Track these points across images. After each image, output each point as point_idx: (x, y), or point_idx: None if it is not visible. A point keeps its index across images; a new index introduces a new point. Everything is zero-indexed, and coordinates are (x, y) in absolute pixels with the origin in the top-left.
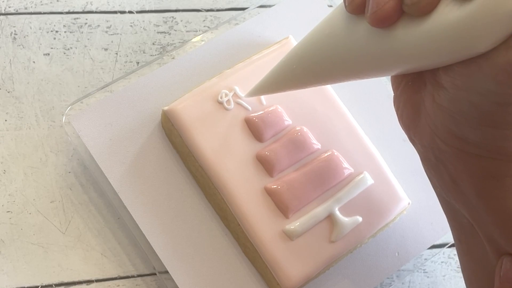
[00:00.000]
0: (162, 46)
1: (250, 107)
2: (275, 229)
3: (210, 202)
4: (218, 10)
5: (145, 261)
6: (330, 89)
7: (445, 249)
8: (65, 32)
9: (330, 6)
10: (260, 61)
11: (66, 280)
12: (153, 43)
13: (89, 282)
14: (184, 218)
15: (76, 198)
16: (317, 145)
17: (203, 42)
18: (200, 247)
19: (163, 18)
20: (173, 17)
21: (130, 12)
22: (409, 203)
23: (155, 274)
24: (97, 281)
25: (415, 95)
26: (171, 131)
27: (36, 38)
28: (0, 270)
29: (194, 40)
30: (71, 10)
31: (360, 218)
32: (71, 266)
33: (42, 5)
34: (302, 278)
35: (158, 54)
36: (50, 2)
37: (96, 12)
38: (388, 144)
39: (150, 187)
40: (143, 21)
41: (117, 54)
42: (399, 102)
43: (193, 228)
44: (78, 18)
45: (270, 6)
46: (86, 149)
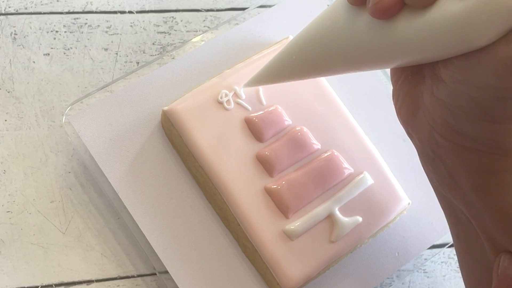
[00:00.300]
0: (162, 46)
1: (250, 107)
2: (275, 229)
3: (210, 202)
4: (218, 10)
5: (145, 261)
6: (330, 89)
7: (445, 249)
8: (65, 32)
9: None
10: (260, 61)
11: (66, 280)
12: (153, 43)
13: (89, 282)
14: (184, 218)
15: (76, 198)
16: (317, 145)
17: (203, 42)
18: (200, 247)
19: (163, 18)
20: (173, 17)
21: (130, 12)
22: (409, 203)
23: (155, 274)
24: (97, 281)
25: (414, 89)
26: (171, 131)
27: (36, 38)
28: (0, 270)
29: (194, 40)
30: (71, 10)
31: (360, 218)
32: (71, 266)
33: (42, 5)
34: (302, 278)
35: (158, 54)
36: (50, 2)
37: (96, 12)
38: (388, 144)
39: (150, 187)
40: (143, 21)
41: (117, 54)
42: (398, 95)
43: (193, 228)
44: (78, 18)
45: (270, 6)
46: (86, 149)
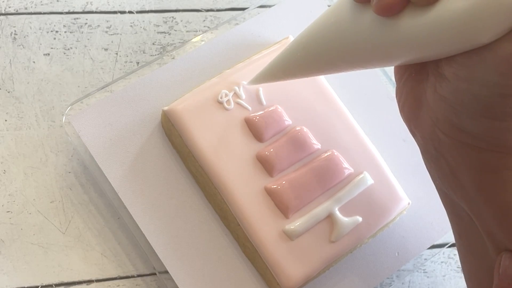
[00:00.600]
0: (162, 46)
1: (250, 107)
2: (275, 229)
3: (210, 202)
4: (218, 10)
5: (145, 261)
6: (330, 89)
7: (445, 249)
8: (65, 32)
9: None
10: (260, 61)
11: (66, 280)
12: (153, 43)
13: (89, 282)
14: (184, 218)
15: (76, 198)
16: (317, 145)
17: (203, 42)
18: (200, 247)
19: (163, 18)
20: (173, 17)
21: (130, 12)
22: (409, 203)
23: (155, 274)
24: (97, 281)
25: (418, 86)
26: (171, 131)
27: (36, 38)
28: (0, 270)
29: (194, 40)
30: (71, 10)
31: (360, 218)
32: (71, 266)
33: (42, 5)
34: (302, 278)
35: (158, 54)
36: (50, 2)
37: (96, 12)
38: (388, 144)
39: (150, 187)
40: (143, 21)
41: (117, 54)
42: (401, 93)
43: (193, 228)
44: (78, 18)
45: (270, 6)
46: (86, 149)
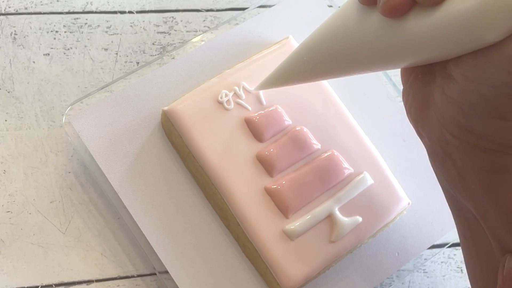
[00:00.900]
0: (162, 46)
1: (250, 107)
2: (275, 229)
3: (210, 202)
4: (218, 10)
5: (145, 261)
6: (330, 89)
7: (445, 249)
8: (65, 32)
9: (330, 6)
10: (260, 61)
11: (66, 280)
12: (153, 43)
13: (89, 282)
14: (184, 218)
15: (76, 198)
16: (317, 145)
17: (203, 42)
18: (200, 247)
19: (163, 18)
20: (173, 17)
21: (130, 12)
22: (409, 203)
23: (155, 274)
24: (97, 281)
25: (425, 88)
26: (171, 131)
27: (36, 38)
28: (0, 270)
29: (194, 40)
30: (71, 10)
31: (360, 218)
32: (71, 266)
33: (42, 5)
34: (302, 278)
35: (158, 54)
36: (50, 2)
37: (96, 12)
38: (388, 144)
39: (150, 187)
40: (143, 21)
41: (117, 54)
42: (408, 95)
43: (193, 228)
44: (78, 18)
45: (270, 6)
46: (86, 149)
